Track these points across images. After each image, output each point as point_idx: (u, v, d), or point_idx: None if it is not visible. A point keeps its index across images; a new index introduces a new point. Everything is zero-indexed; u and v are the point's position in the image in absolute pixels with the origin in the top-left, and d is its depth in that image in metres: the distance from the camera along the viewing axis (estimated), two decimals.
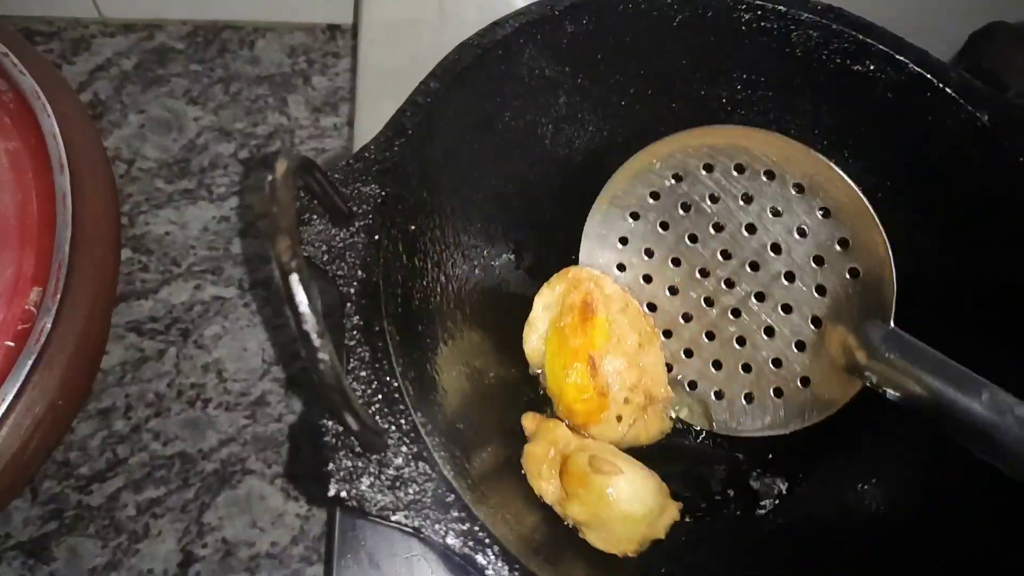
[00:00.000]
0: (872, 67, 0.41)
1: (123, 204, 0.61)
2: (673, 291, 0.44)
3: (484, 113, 0.39)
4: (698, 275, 0.43)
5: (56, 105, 0.48)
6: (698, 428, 0.44)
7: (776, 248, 0.41)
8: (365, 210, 0.33)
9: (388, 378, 0.30)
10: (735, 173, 0.41)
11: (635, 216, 0.44)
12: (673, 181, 0.43)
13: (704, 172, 0.42)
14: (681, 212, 0.43)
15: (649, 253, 0.45)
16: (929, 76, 0.40)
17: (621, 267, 0.45)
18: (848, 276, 0.39)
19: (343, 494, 0.28)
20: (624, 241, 0.45)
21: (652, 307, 0.45)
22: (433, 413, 0.32)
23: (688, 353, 0.44)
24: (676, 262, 0.44)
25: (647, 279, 0.45)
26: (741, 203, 0.42)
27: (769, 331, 0.42)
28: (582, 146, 0.43)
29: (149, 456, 0.55)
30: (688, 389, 0.44)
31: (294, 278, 0.24)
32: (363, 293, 0.31)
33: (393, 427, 0.29)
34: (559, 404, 0.40)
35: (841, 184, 0.39)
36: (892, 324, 0.37)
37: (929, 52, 0.41)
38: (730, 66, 0.43)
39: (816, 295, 0.40)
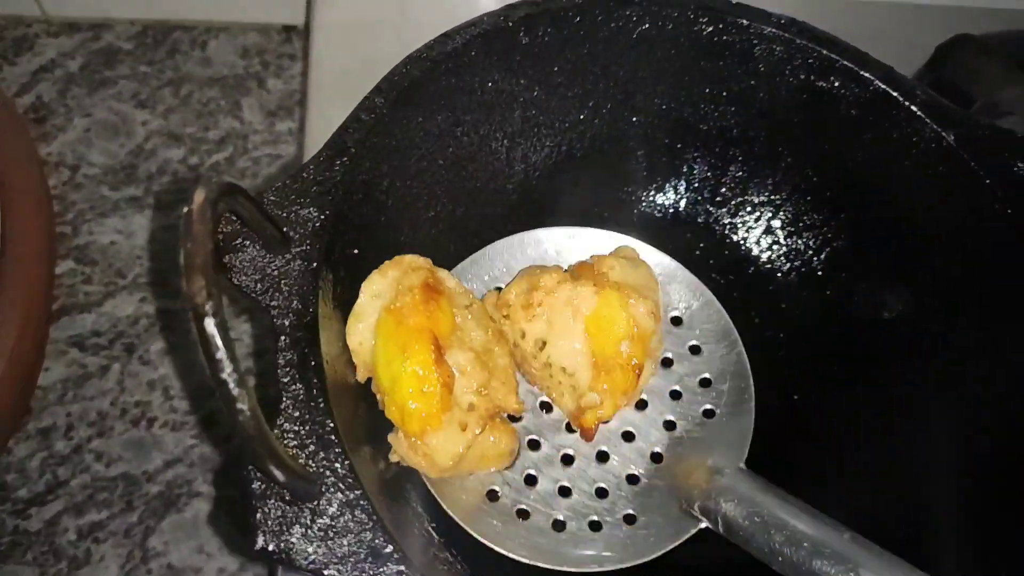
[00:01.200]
0: (836, 83, 0.39)
1: (66, 213, 0.58)
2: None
3: (434, 129, 0.37)
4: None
5: None
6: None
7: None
8: (303, 235, 0.31)
9: (323, 418, 0.28)
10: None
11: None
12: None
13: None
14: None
15: None
16: (895, 94, 0.39)
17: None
18: (702, 415, 0.38)
19: (271, 546, 0.26)
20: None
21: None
22: (370, 453, 0.30)
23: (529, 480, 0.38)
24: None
25: None
26: None
27: (602, 457, 0.37)
28: (539, 161, 0.42)
29: (91, 478, 0.53)
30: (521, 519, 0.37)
31: (209, 322, 0.22)
32: (299, 325, 0.29)
33: (327, 471, 0.27)
34: (391, 403, 0.32)
35: (720, 326, 0.38)
36: (742, 465, 0.35)
37: (895, 68, 0.40)
38: (691, 80, 0.41)
39: (663, 429, 0.38)
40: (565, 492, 0.36)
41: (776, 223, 0.44)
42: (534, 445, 0.37)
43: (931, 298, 0.40)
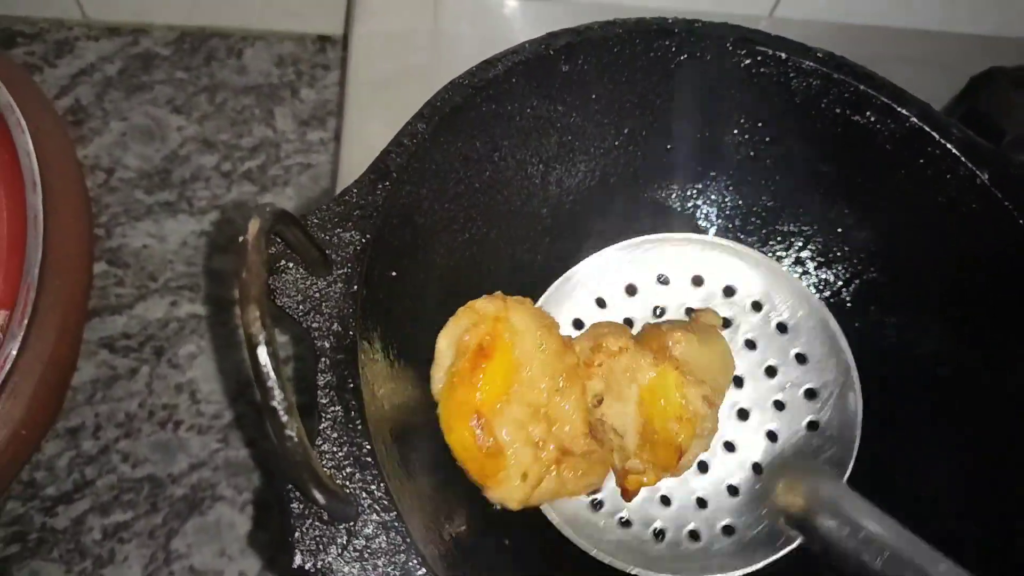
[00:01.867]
0: (872, 118, 0.40)
1: (100, 215, 0.59)
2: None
3: (472, 154, 0.37)
4: None
5: (31, 119, 0.46)
6: None
7: (739, 382, 0.39)
8: (344, 257, 0.32)
9: (361, 440, 0.29)
10: (721, 296, 0.40)
11: (601, 303, 0.42)
12: (658, 281, 0.41)
13: (691, 284, 0.40)
14: (654, 316, 0.41)
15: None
16: (930, 130, 0.39)
17: None
18: (805, 428, 0.38)
19: (308, 565, 0.27)
20: (579, 325, 0.41)
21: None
22: (408, 476, 0.30)
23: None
24: None
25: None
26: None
27: (703, 467, 0.39)
28: (573, 187, 0.42)
29: (117, 478, 0.54)
30: (620, 526, 0.39)
31: (262, 351, 0.22)
32: (338, 348, 0.30)
33: (364, 493, 0.28)
34: (456, 458, 0.35)
35: (828, 335, 0.38)
36: (845, 481, 0.35)
37: (929, 99, 0.40)
38: (728, 110, 0.41)
39: (766, 440, 0.38)
40: (666, 501, 0.38)
41: (805, 254, 0.45)
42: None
43: (962, 335, 0.40)
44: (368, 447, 0.29)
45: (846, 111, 0.40)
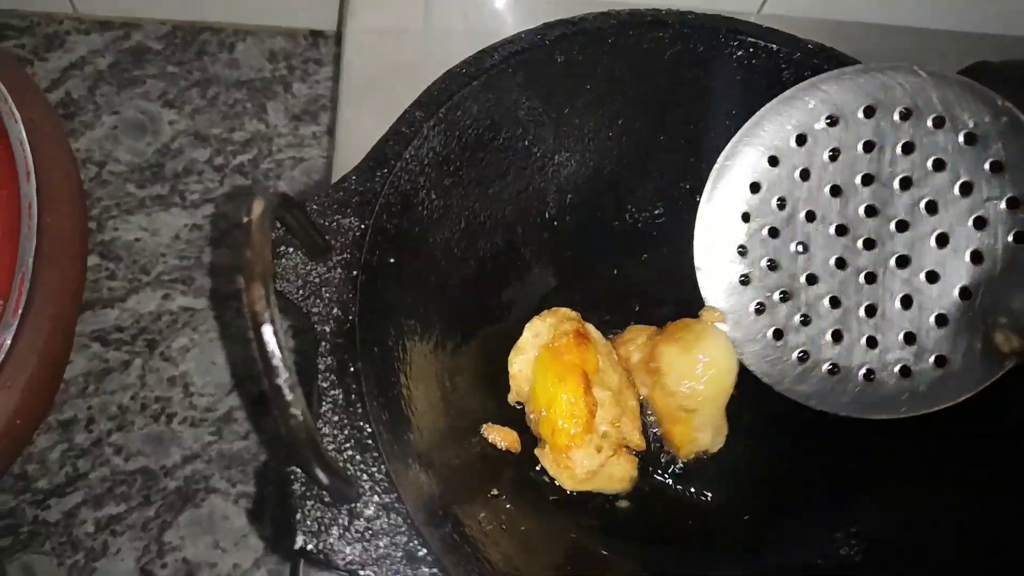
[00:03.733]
0: None
1: (92, 208, 0.59)
2: (801, 248, 0.40)
3: (469, 142, 0.38)
4: (833, 232, 0.39)
5: (24, 109, 0.46)
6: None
7: (931, 206, 0.36)
8: (343, 243, 0.32)
9: (361, 423, 0.29)
10: (898, 119, 0.37)
11: (773, 161, 0.40)
12: (826, 124, 0.39)
13: (863, 116, 0.38)
14: (827, 159, 0.39)
15: (782, 204, 0.40)
16: None
17: (745, 216, 0.41)
18: (1012, 240, 0.34)
19: (310, 546, 0.27)
20: (755, 188, 0.41)
21: (773, 265, 0.41)
22: (407, 457, 0.31)
23: (805, 320, 0.40)
24: (811, 216, 0.40)
25: (773, 233, 0.41)
26: (899, 153, 0.37)
27: (906, 301, 0.37)
28: (568, 176, 0.43)
29: (110, 471, 0.54)
30: (798, 361, 0.40)
31: (267, 329, 0.23)
32: (338, 332, 0.30)
33: (365, 476, 0.28)
34: (544, 421, 0.39)
35: (1020, 133, 0.34)
36: None
37: None
38: (720, 101, 0.42)
39: (970, 262, 0.35)
40: (872, 342, 0.38)
41: None
42: (834, 302, 0.39)
43: None
44: (369, 430, 0.29)
45: None
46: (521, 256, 0.42)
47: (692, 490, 0.41)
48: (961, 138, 0.36)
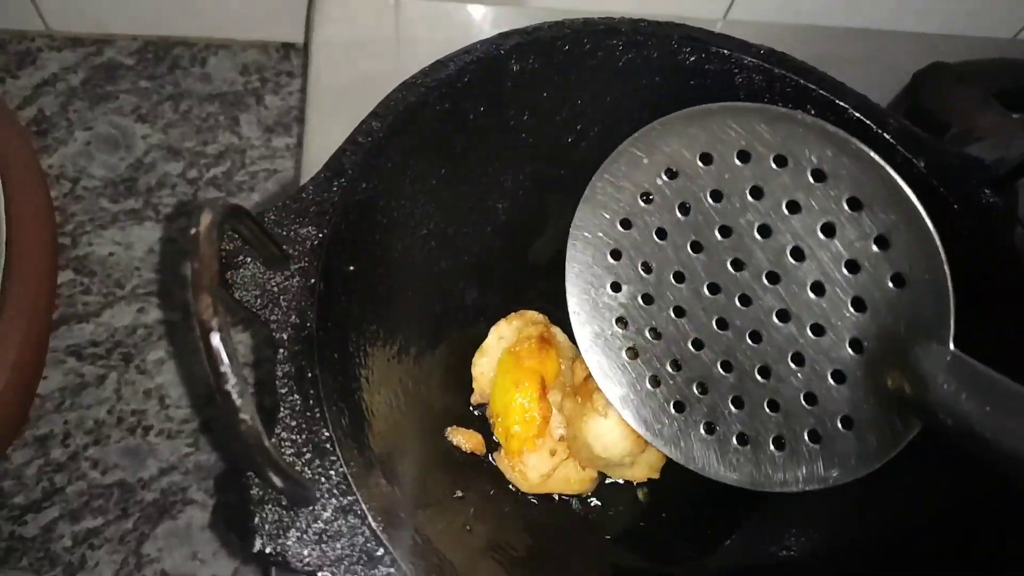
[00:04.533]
0: (813, 111, 0.41)
1: (66, 224, 0.60)
2: (679, 312, 0.38)
3: (427, 152, 0.38)
4: (707, 291, 0.37)
5: None
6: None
7: (798, 253, 0.34)
8: (301, 252, 0.33)
9: (319, 427, 0.30)
10: (738, 162, 0.35)
11: (626, 224, 0.39)
12: (666, 178, 0.37)
13: (701, 164, 0.36)
14: (680, 215, 0.37)
15: (647, 268, 0.39)
16: (868, 121, 0.41)
17: (615, 286, 0.40)
18: (891, 284, 0.32)
19: (268, 549, 0.27)
20: (616, 255, 0.39)
21: (656, 334, 0.39)
22: (367, 460, 0.31)
23: (701, 388, 0.38)
24: (679, 277, 0.38)
25: (647, 300, 0.39)
26: (750, 199, 0.35)
27: (798, 358, 0.34)
28: (528, 183, 0.43)
29: (87, 485, 0.54)
30: (704, 433, 0.38)
31: (215, 337, 0.23)
32: (296, 339, 0.31)
33: (323, 479, 0.29)
34: (499, 425, 0.40)
35: (870, 166, 0.31)
36: (951, 346, 0.30)
37: (872, 94, 0.42)
38: (675, 107, 0.42)
39: (852, 311, 0.33)
40: (774, 406, 0.35)
41: None
42: (726, 366, 0.37)
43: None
44: (327, 434, 0.29)
45: (788, 105, 0.42)
46: (484, 262, 0.42)
47: (654, 494, 0.42)
48: (809, 176, 0.33)
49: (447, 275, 0.41)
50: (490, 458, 0.40)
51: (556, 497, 0.41)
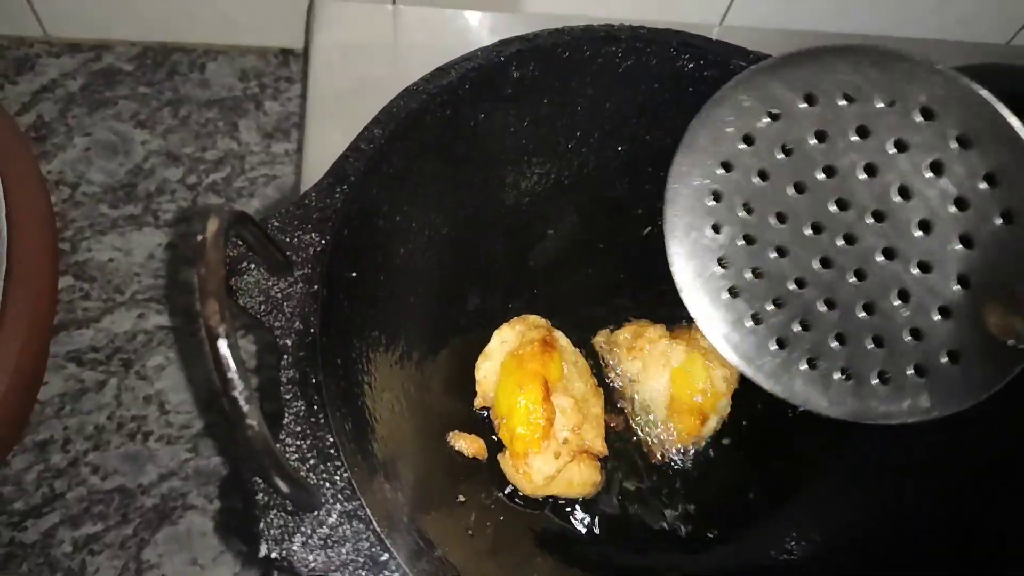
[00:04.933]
0: None
1: (65, 229, 0.60)
2: (781, 252, 0.38)
3: (429, 158, 0.39)
4: (810, 231, 0.37)
5: None
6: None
7: (905, 191, 0.33)
8: (304, 259, 0.33)
9: (323, 433, 0.30)
10: (843, 103, 0.34)
11: (727, 166, 0.38)
12: (768, 120, 0.36)
13: (805, 105, 0.35)
14: (782, 156, 0.36)
15: (748, 209, 0.38)
16: None
17: (716, 228, 0.40)
18: (1000, 221, 0.31)
19: (274, 554, 0.27)
20: (717, 197, 0.39)
21: (757, 273, 0.39)
22: (371, 465, 0.32)
23: (804, 325, 0.38)
24: (782, 217, 0.37)
25: (749, 240, 0.39)
26: (855, 138, 0.34)
27: (904, 295, 0.34)
28: (528, 188, 0.44)
29: (87, 491, 0.54)
30: (807, 368, 0.38)
31: (222, 343, 0.23)
32: (300, 345, 0.31)
33: (328, 484, 0.29)
34: (504, 427, 0.40)
35: (978, 103, 0.30)
36: None
37: None
38: (674, 112, 0.43)
39: (961, 247, 0.32)
40: (879, 341, 0.35)
41: None
42: (830, 303, 0.37)
43: None
44: (331, 439, 0.30)
45: None
46: (484, 267, 0.43)
47: (656, 498, 0.42)
48: (917, 115, 0.32)
49: (448, 280, 0.41)
50: (490, 463, 0.40)
51: (557, 502, 0.41)
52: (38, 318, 0.46)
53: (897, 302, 0.35)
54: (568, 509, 0.41)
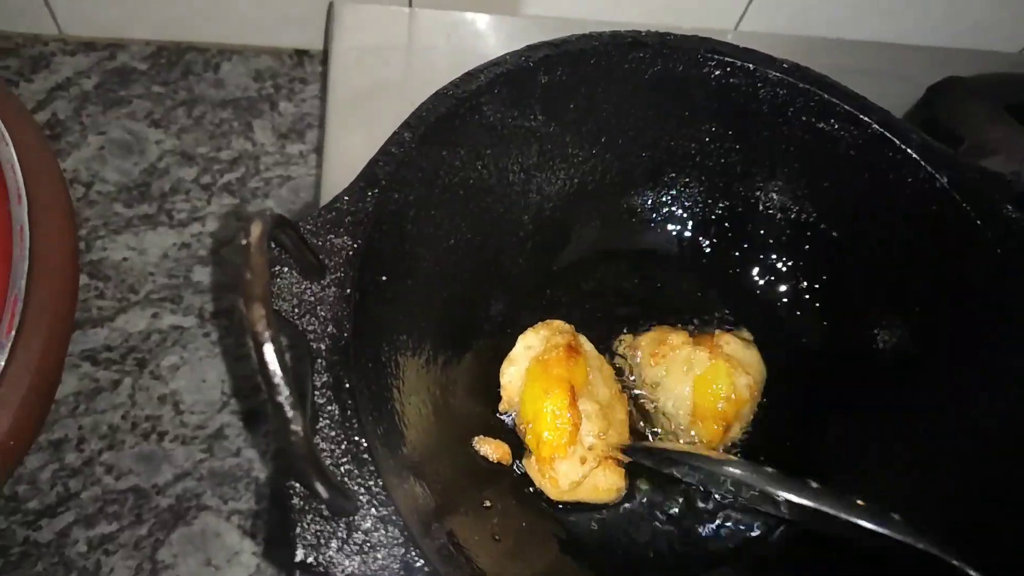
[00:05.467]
0: (836, 126, 0.42)
1: (80, 229, 0.60)
2: None
3: (456, 162, 0.39)
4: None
5: (14, 131, 0.46)
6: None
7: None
8: (337, 263, 0.33)
9: (357, 437, 0.30)
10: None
11: None
12: None
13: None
14: None
15: None
16: (891, 136, 0.41)
17: None
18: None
19: (311, 559, 0.27)
20: None
21: None
22: (401, 470, 0.31)
23: None
24: None
25: None
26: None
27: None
28: (552, 194, 0.44)
29: (101, 490, 0.54)
30: None
31: (268, 348, 0.23)
32: (334, 349, 0.31)
33: (362, 489, 0.29)
34: (530, 432, 0.40)
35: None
36: None
37: (890, 108, 0.43)
38: (699, 118, 0.43)
39: None
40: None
41: (774, 256, 0.46)
42: None
43: (922, 330, 0.42)
44: (364, 444, 0.30)
45: (811, 119, 0.42)
46: (508, 272, 0.43)
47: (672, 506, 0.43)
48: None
49: (472, 284, 0.41)
50: (515, 467, 0.40)
51: (582, 506, 0.41)
52: (59, 317, 0.46)
53: None
54: (592, 514, 0.41)
